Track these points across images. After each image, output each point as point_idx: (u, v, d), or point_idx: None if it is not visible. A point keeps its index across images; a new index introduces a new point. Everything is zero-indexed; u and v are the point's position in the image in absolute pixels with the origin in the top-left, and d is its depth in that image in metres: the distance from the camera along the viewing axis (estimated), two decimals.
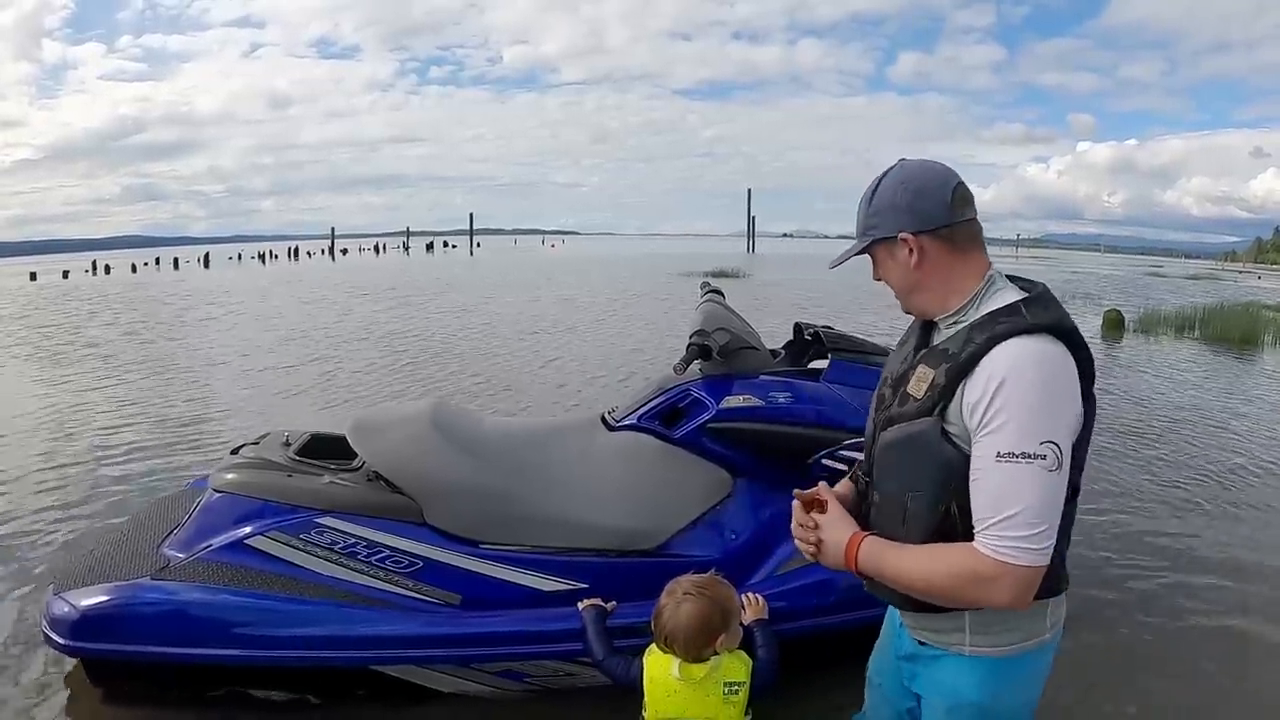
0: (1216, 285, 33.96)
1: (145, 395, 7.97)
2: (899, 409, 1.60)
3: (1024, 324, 1.47)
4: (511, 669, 2.76)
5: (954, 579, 1.47)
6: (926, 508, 1.53)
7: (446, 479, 2.80)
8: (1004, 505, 1.40)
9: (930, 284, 1.61)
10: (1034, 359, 1.44)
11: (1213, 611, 3.65)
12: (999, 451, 1.41)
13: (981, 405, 1.43)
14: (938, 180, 1.59)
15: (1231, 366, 11.33)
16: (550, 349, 11.14)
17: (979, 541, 1.43)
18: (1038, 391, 1.42)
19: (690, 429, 2.93)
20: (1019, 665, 1.61)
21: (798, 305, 17.96)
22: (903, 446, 1.57)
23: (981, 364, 1.46)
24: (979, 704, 1.62)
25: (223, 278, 30.97)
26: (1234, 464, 6.04)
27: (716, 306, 3.25)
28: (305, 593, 2.67)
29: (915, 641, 1.72)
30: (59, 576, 2.84)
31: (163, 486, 4.86)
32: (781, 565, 2.85)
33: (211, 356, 10.49)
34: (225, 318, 15.52)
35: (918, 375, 1.57)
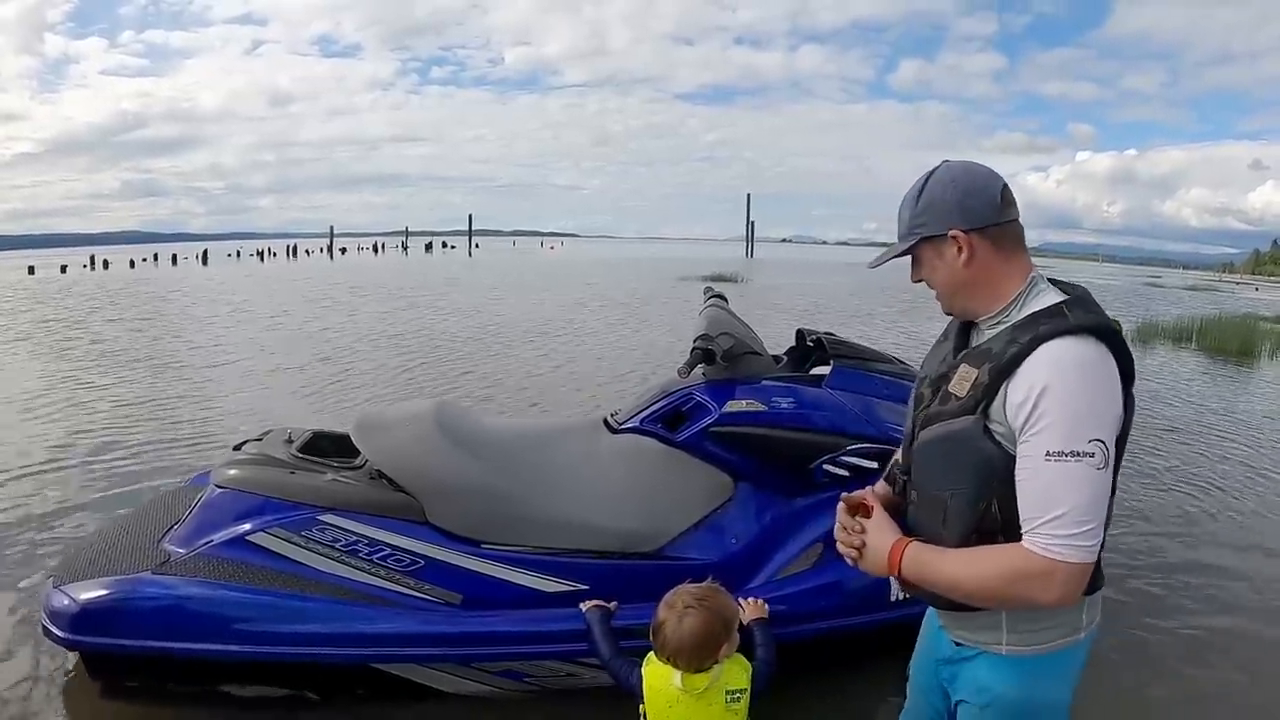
0: (1214, 296, 34.07)
1: (147, 392, 7.98)
2: (939, 407, 1.62)
3: (1067, 325, 1.48)
4: (512, 669, 2.77)
5: (1004, 580, 1.48)
6: (967, 505, 1.55)
7: (449, 479, 2.81)
8: (1054, 504, 1.42)
9: (977, 283, 1.62)
10: (1077, 359, 1.46)
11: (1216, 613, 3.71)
12: (1048, 451, 1.42)
13: (1028, 405, 1.44)
14: (985, 180, 1.61)
15: (1229, 377, 11.38)
16: (562, 352, 11.18)
17: (1028, 541, 1.44)
18: (1083, 391, 1.44)
19: (693, 432, 2.95)
20: (1054, 662, 1.63)
21: (802, 311, 17.94)
22: (944, 444, 1.59)
23: (1025, 364, 1.47)
24: (1015, 702, 1.63)
25: (223, 275, 30.96)
26: (1233, 473, 6.12)
27: (720, 311, 3.28)
28: (306, 589, 2.68)
29: (952, 644, 1.73)
30: (58, 569, 2.85)
31: (164, 482, 4.87)
32: (781, 569, 2.86)
33: (215, 355, 10.47)
34: (229, 316, 15.49)
35: (960, 375, 1.58)
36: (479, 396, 8.03)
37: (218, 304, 17.95)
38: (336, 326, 13.58)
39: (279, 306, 17.34)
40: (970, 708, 1.71)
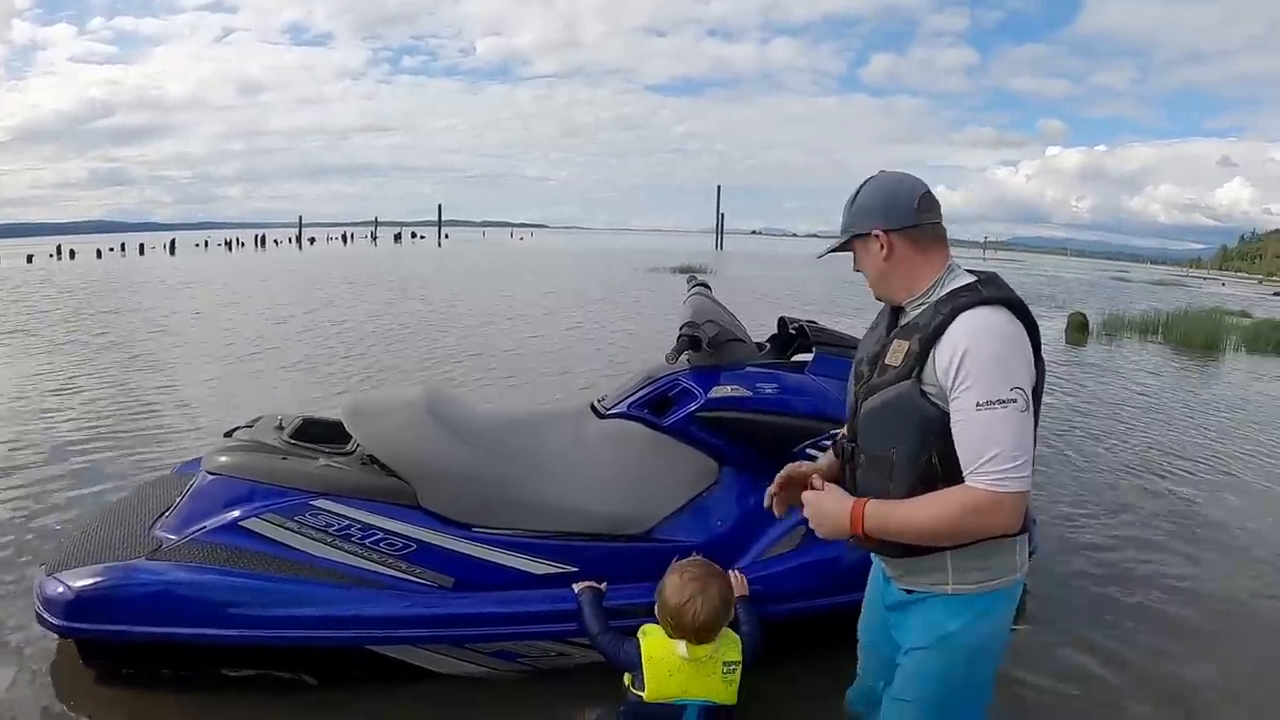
0: (1181, 291, 34.68)
1: (127, 382, 7.95)
2: (879, 379, 1.87)
3: (980, 297, 1.77)
4: (505, 649, 2.83)
5: (958, 516, 1.70)
6: (910, 460, 1.79)
7: (441, 464, 2.86)
8: (989, 446, 1.66)
9: (896, 274, 1.91)
10: (990, 324, 1.73)
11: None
12: (977, 402, 1.67)
13: (954, 366, 1.70)
14: (906, 188, 1.91)
15: (1193, 370, 11.62)
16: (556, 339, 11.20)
17: (971, 480, 1.68)
18: (998, 349, 1.71)
19: (679, 417, 3.02)
20: (993, 601, 1.87)
21: (776, 301, 18.07)
22: (886, 409, 1.83)
23: (948, 331, 1.74)
24: (959, 637, 1.86)
25: (193, 265, 30.58)
26: (1194, 464, 6.29)
27: (704, 299, 3.35)
28: (300, 574, 2.71)
29: (902, 591, 1.94)
30: (50, 557, 2.86)
31: (149, 471, 4.88)
32: (766, 550, 2.95)
33: (195, 346, 10.42)
34: (216, 307, 15.34)
35: (893, 348, 1.84)
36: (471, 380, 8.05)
37: (195, 296, 17.71)
38: (323, 314, 13.48)
39: (288, 295, 17.20)
40: (918, 652, 1.92)
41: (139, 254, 39.33)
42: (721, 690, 2.31)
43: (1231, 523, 4.96)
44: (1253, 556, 4.41)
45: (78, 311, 14.17)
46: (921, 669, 1.93)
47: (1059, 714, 2.89)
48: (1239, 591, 3.96)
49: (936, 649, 1.89)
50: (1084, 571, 4.10)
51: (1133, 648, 3.34)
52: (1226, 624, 3.65)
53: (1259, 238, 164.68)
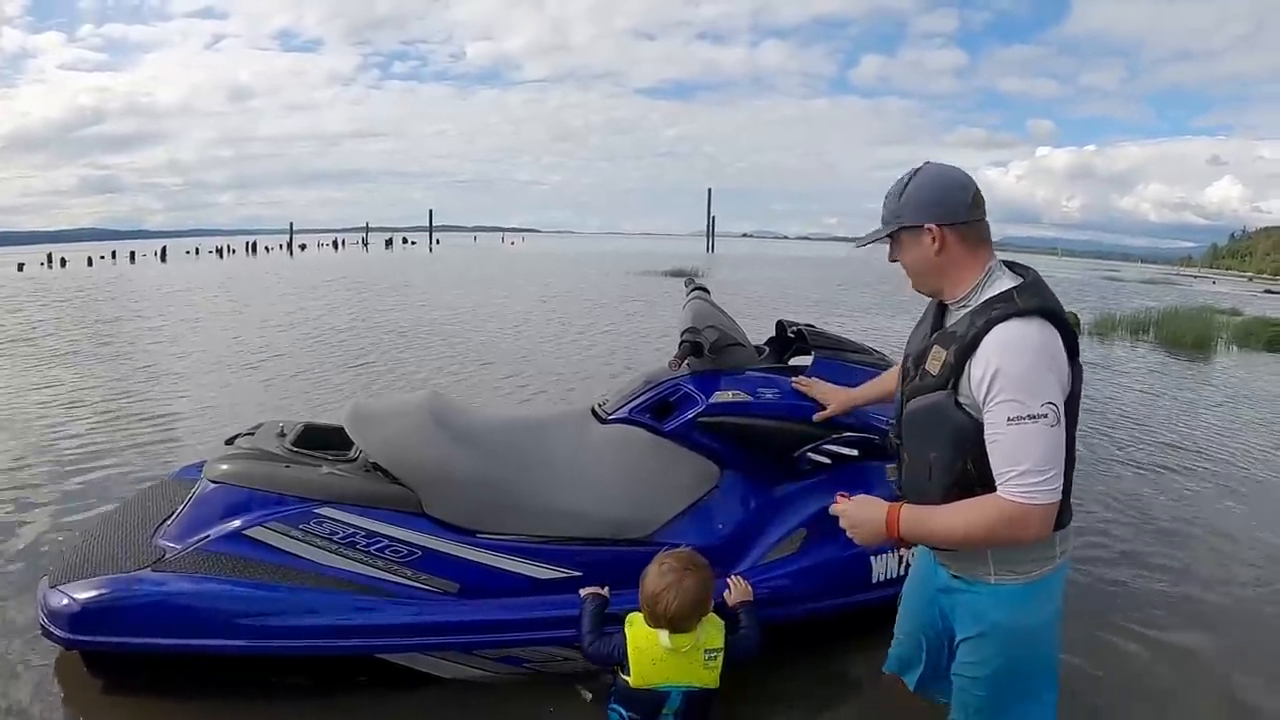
0: (1172, 290, 34.89)
1: (122, 389, 7.96)
2: (919, 383, 1.95)
3: (1015, 308, 1.80)
4: (511, 654, 2.85)
5: (988, 526, 1.79)
6: (946, 465, 1.87)
7: (446, 470, 2.88)
8: (1019, 459, 1.73)
9: (944, 270, 1.95)
10: (1023, 337, 1.77)
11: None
12: (1009, 416, 1.73)
13: (987, 379, 1.76)
14: (960, 183, 1.94)
15: (1184, 369, 11.70)
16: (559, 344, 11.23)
17: (1002, 491, 1.75)
18: (1030, 363, 1.75)
19: (681, 422, 3.05)
20: (1036, 590, 1.94)
21: (772, 304, 18.13)
22: (925, 414, 1.91)
23: (982, 345, 1.79)
24: (1006, 625, 1.94)
25: (185, 272, 30.42)
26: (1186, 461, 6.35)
27: (704, 304, 3.38)
28: (305, 582, 2.73)
29: (950, 575, 2.04)
30: (52, 569, 2.84)
31: (145, 479, 4.89)
32: (767, 554, 2.99)
33: (193, 353, 10.38)
34: (218, 313, 15.25)
35: (932, 354, 1.91)
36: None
37: (191, 303, 17.60)
38: (323, 321, 13.44)
39: (247, 302, 17.12)
40: (971, 640, 2.00)
41: (130, 262, 39.12)
42: (704, 675, 2.39)
43: (1220, 511, 5.10)
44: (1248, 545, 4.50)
45: (76, 320, 14.09)
46: (978, 652, 2.01)
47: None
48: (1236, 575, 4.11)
49: (989, 636, 1.98)
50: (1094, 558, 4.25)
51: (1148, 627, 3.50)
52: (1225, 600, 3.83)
53: (1249, 235, 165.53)
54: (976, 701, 2.06)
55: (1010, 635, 1.97)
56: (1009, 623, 1.95)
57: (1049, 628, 2.00)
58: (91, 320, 14.23)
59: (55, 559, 2.98)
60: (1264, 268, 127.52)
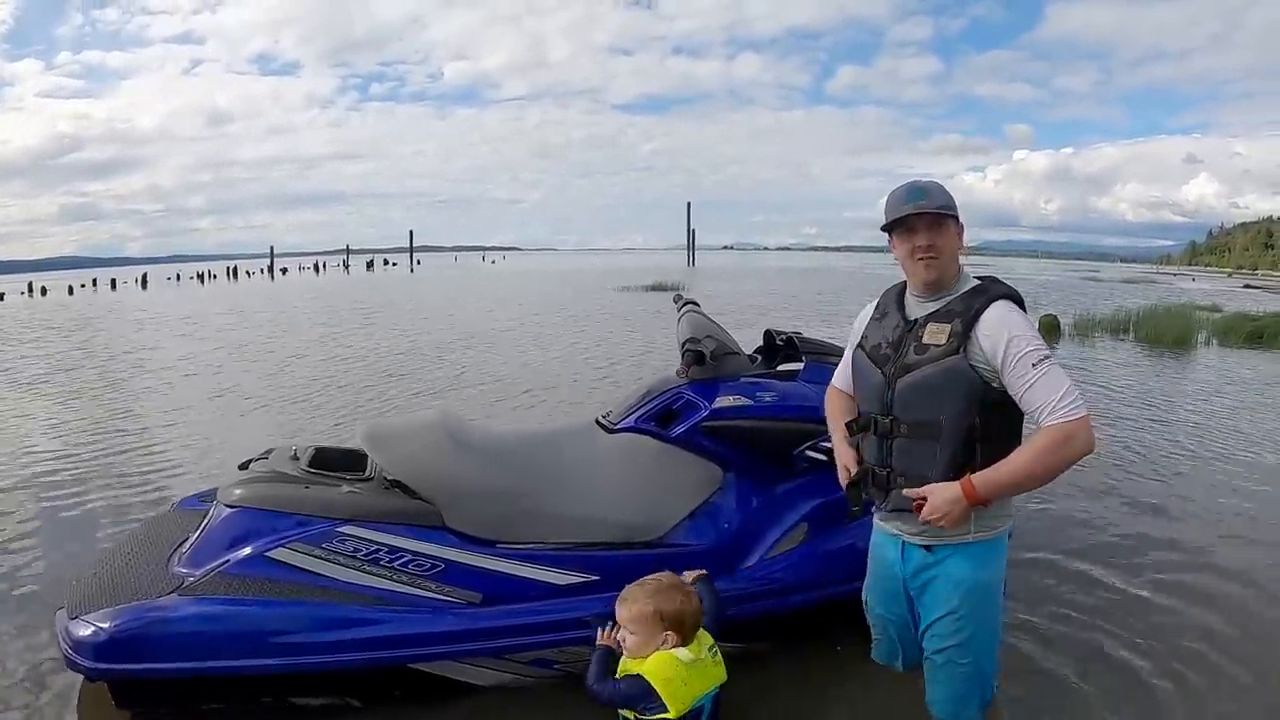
0: (1151, 288, 35.29)
1: (107, 419, 8.04)
2: (917, 356, 2.26)
3: (1001, 291, 2.28)
4: (542, 657, 3.01)
5: (1053, 452, 2.11)
6: (957, 421, 2.20)
7: (467, 484, 3.04)
8: (1056, 389, 2.10)
9: (956, 260, 2.34)
10: (1012, 310, 2.23)
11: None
12: (1033, 362, 2.11)
13: (1001, 343, 2.14)
14: None
15: (1164, 367, 12.01)
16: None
17: (1053, 419, 2.10)
18: (1027, 325, 2.20)
19: (686, 428, 3.24)
20: (999, 544, 2.32)
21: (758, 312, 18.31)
22: (935, 379, 2.22)
23: (985, 316, 2.20)
24: (981, 583, 2.29)
25: (166, 299, 30.33)
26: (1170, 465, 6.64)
27: (699, 315, 3.59)
28: (333, 599, 2.82)
29: (922, 551, 2.34)
30: (68, 601, 2.86)
31: (145, 509, 5.02)
32: (771, 548, 3.19)
33: (181, 382, 10.46)
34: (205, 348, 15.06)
35: (931, 330, 2.26)
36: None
37: (180, 332, 17.41)
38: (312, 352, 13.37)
39: (231, 327, 16.78)
40: (946, 598, 2.30)
41: (111, 289, 38.92)
42: (719, 672, 2.50)
43: (1199, 499, 5.46)
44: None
45: (64, 350, 14.11)
46: (959, 618, 2.28)
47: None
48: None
49: (968, 598, 2.28)
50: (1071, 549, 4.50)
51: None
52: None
53: (1227, 232, 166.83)
54: (963, 670, 2.32)
55: (984, 592, 2.29)
56: (983, 579, 2.28)
57: (1002, 585, 2.36)
58: (75, 348, 14.34)
59: (69, 591, 2.97)
60: (1243, 263, 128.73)
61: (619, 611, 2.49)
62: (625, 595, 2.51)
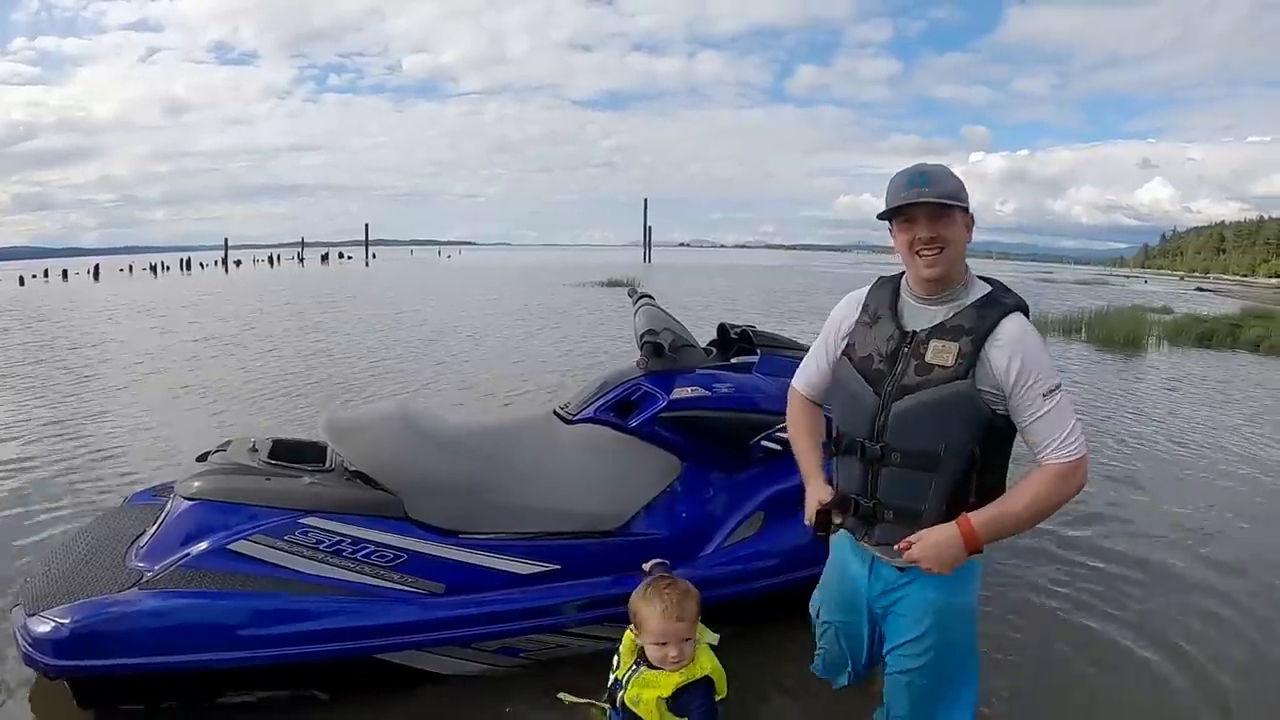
0: (1105, 290, 35.98)
1: (60, 413, 7.88)
2: (919, 378, 2.09)
3: (1014, 304, 2.11)
4: (508, 645, 3.06)
5: (1053, 490, 2.05)
6: (958, 452, 2.05)
7: (429, 474, 3.07)
8: (1063, 424, 2.02)
9: (963, 256, 2.17)
10: (1028, 327, 2.08)
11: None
12: (1043, 393, 2.01)
13: (1014, 366, 2.01)
14: None
15: (1114, 366, 12.27)
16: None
17: (1056, 455, 2.03)
18: (1041, 347, 2.07)
19: (644, 419, 3.32)
20: (973, 566, 2.17)
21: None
22: (940, 406, 2.06)
23: (998, 334, 2.04)
24: (952, 605, 2.21)
25: (117, 290, 29.52)
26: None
27: (655, 309, 3.69)
28: (296, 591, 2.82)
29: (895, 572, 2.25)
30: (24, 598, 2.81)
31: (96, 505, 4.91)
32: (729, 537, 3.28)
33: (133, 374, 10.20)
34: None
35: (935, 349, 2.08)
36: None
37: (140, 324, 16.94)
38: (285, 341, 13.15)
39: (187, 321, 16.08)
40: (917, 633, 2.24)
41: (63, 280, 38.04)
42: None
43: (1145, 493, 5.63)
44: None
45: (21, 343, 13.68)
46: (925, 641, 2.22)
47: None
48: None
49: (937, 620, 2.20)
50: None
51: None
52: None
53: (1180, 236, 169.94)
54: (922, 691, 2.28)
55: (955, 614, 2.22)
56: (955, 601, 2.20)
57: (976, 607, 2.31)
58: (30, 340, 13.93)
59: (24, 588, 2.93)
60: (1195, 266, 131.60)
61: (670, 629, 2.30)
62: (666, 609, 2.31)
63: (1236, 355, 13.91)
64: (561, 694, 2.81)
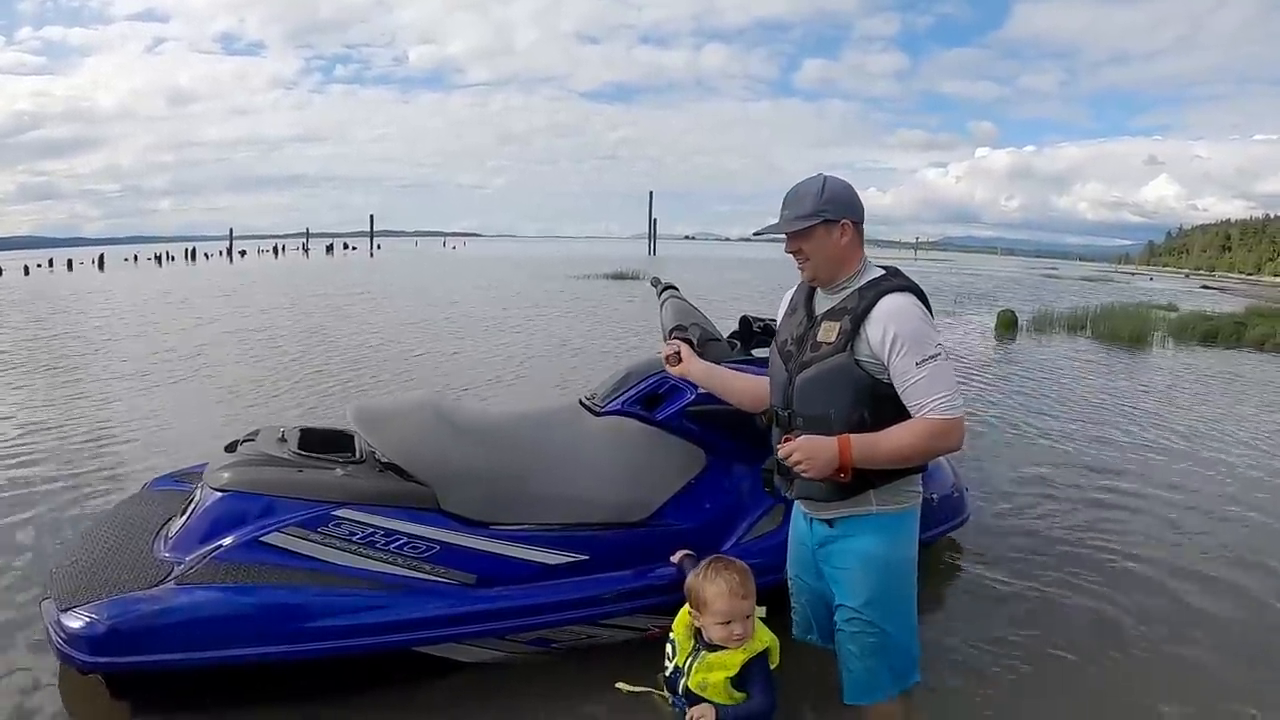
0: (1110, 287, 35.90)
1: (69, 402, 7.86)
2: (812, 354, 2.37)
3: (894, 284, 2.33)
4: (541, 636, 3.10)
5: (930, 439, 2.24)
6: (844, 416, 2.30)
7: (462, 466, 3.10)
8: (937, 388, 2.22)
9: (844, 259, 2.39)
10: (908, 302, 2.29)
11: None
12: (916, 361, 2.22)
13: (888, 338, 2.23)
14: (855, 192, 2.43)
15: (1119, 362, 12.26)
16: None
17: (932, 414, 2.22)
18: (918, 319, 2.27)
19: (671, 411, 3.35)
20: (908, 518, 2.42)
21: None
22: (826, 376, 2.33)
23: (874, 312, 2.27)
24: (882, 554, 2.38)
25: (123, 280, 29.52)
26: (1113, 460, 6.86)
27: (681, 302, 3.69)
28: (331, 584, 2.83)
29: (825, 526, 2.46)
30: (53, 590, 2.82)
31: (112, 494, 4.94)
32: (751, 529, 3.33)
33: (143, 364, 10.22)
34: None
35: (824, 329, 2.36)
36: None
37: (144, 315, 16.64)
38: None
39: (196, 310, 16.10)
40: (850, 570, 2.42)
41: (68, 270, 38.09)
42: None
43: (1146, 489, 5.71)
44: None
45: (31, 334, 13.65)
46: (861, 591, 2.39)
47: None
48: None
49: (869, 575, 2.38)
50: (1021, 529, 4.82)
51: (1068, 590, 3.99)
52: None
53: (1185, 233, 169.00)
54: (871, 643, 2.39)
55: (889, 567, 2.39)
56: (888, 554, 2.38)
57: (914, 560, 2.45)
58: (37, 330, 13.93)
59: (51, 580, 2.92)
60: (1200, 264, 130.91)
61: (737, 607, 2.41)
62: (731, 587, 2.42)
63: (1240, 353, 13.84)
64: (620, 684, 2.78)
